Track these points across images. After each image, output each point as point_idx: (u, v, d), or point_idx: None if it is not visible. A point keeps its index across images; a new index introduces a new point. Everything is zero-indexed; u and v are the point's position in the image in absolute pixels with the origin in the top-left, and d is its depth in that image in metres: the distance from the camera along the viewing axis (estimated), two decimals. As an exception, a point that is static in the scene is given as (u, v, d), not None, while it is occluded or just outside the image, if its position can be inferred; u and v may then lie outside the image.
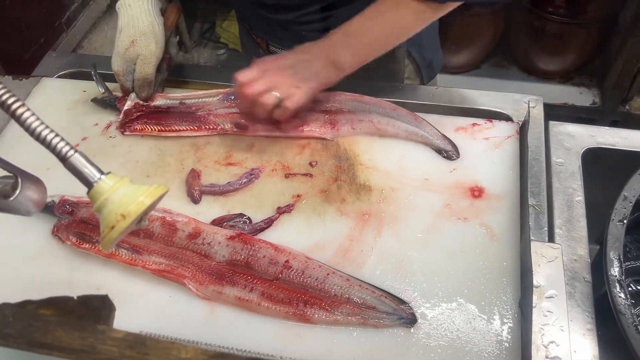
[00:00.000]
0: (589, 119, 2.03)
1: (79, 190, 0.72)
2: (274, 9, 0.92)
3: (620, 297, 0.64)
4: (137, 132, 0.93)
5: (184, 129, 0.92)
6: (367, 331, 0.69)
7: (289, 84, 0.82)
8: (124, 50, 0.89)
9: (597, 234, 0.77)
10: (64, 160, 0.46)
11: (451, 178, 0.84)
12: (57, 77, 1.07)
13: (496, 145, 0.88)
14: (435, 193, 0.83)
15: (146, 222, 0.51)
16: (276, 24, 0.97)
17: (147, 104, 0.94)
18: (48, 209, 0.79)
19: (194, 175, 0.86)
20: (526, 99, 0.94)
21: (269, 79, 0.82)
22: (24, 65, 1.31)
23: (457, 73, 2.16)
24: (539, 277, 0.66)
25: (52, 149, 0.46)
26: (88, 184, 0.47)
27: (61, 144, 0.46)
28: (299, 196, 0.83)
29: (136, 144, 0.92)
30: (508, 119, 0.93)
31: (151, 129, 0.92)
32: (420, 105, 0.96)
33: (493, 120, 0.91)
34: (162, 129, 0.92)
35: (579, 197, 0.79)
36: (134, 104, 0.94)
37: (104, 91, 0.96)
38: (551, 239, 0.75)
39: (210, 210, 0.82)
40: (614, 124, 2.01)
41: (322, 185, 0.85)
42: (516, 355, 0.66)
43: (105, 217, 0.47)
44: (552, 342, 0.61)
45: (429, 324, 0.69)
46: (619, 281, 0.65)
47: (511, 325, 0.68)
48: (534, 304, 0.63)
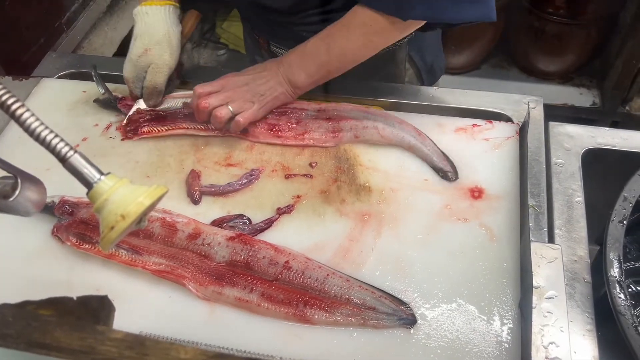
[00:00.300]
0: (589, 120, 2.03)
1: (78, 191, 0.72)
2: (275, 10, 0.92)
3: (620, 297, 0.64)
4: (144, 134, 0.92)
5: (191, 127, 0.92)
6: (367, 332, 0.69)
7: (243, 99, 0.86)
8: (136, 58, 0.89)
9: (597, 234, 0.77)
10: (63, 160, 0.46)
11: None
12: (57, 78, 1.07)
13: (496, 146, 0.88)
14: (435, 194, 0.83)
15: (146, 223, 0.51)
16: (277, 25, 0.97)
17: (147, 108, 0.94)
18: (48, 209, 0.79)
19: (193, 175, 0.86)
20: (526, 99, 0.94)
21: (225, 93, 0.86)
22: (23, 65, 1.31)
23: (457, 74, 2.16)
24: (539, 277, 0.66)
25: (52, 150, 0.46)
26: (88, 184, 0.47)
27: (61, 145, 0.46)
28: (298, 197, 0.83)
29: (136, 144, 0.92)
30: (508, 119, 0.93)
31: (158, 130, 0.92)
32: (420, 106, 0.96)
33: (493, 121, 0.91)
34: (170, 128, 0.92)
35: (579, 198, 0.79)
36: (137, 110, 0.94)
37: (104, 92, 0.96)
38: (551, 239, 0.75)
39: (210, 211, 0.82)
40: (614, 124, 2.01)
41: (322, 186, 0.85)
42: (516, 356, 0.66)
43: (105, 218, 0.47)
44: (552, 343, 0.61)
45: (428, 325, 0.69)
46: (618, 282, 0.65)
47: (511, 326, 0.68)
48: (533, 305, 0.63)
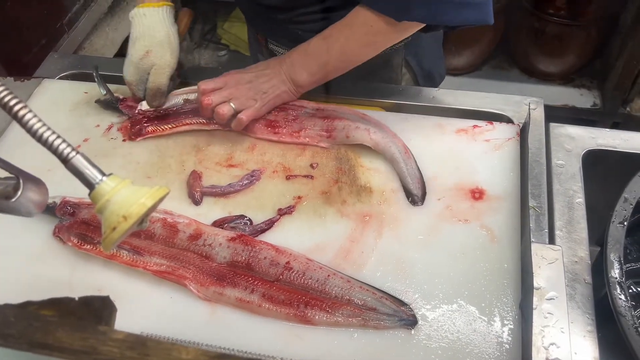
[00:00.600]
0: (590, 121, 2.03)
1: (80, 192, 0.72)
2: (272, 7, 0.93)
3: (621, 299, 0.64)
4: (149, 134, 0.93)
5: (194, 122, 0.92)
6: (368, 333, 0.69)
7: (246, 96, 0.87)
8: (138, 60, 0.89)
9: (598, 235, 0.77)
10: (65, 161, 0.46)
11: (452, 180, 0.84)
12: (58, 79, 1.07)
13: (497, 147, 0.88)
14: (435, 194, 0.83)
15: (147, 224, 0.51)
16: (273, 22, 0.98)
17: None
18: (49, 210, 0.79)
19: (195, 176, 0.86)
20: (527, 100, 0.94)
21: (228, 90, 0.87)
22: (24, 66, 1.31)
23: (457, 75, 2.16)
24: (540, 278, 0.66)
25: (54, 151, 0.46)
26: (90, 185, 0.47)
27: (63, 146, 0.46)
28: (299, 198, 0.83)
29: (137, 145, 0.93)
30: (509, 120, 0.93)
31: (162, 129, 0.92)
32: (421, 107, 0.96)
33: (494, 122, 0.91)
34: (174, 125, 0.92)
35: (580, 199, 0.79)
36: (139, 111, 0.94)
37: (105, 93, 0.96)
38: (552, 240, 0.75)
39: (211, 211, 0.83)
40: (615, 125, 2.01)
41: (323, 187, 0.85)
42: (517, 357, 0.66)
43: (107, 219, 0.47)
44: (552, 344, 0.61)
45: (429, 326, 0.69)
46: (619, 283, 0.65)
47: (512, 326, 0.68)
48: (534, 306, 0.64)
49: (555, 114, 1.47)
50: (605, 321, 0.66)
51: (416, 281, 0.73)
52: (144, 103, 0.94)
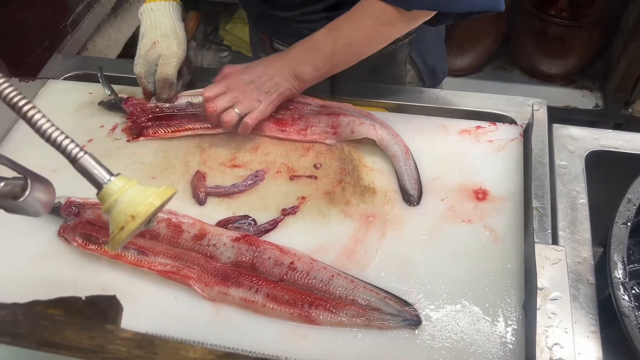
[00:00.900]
0: (592, 122, 2.03)
1: (85, 192, 0.73)
2: (278, 6, 0.93)
3: (624, 299, 0.64)
4: (149, 136, 0.93)
5: (197, 127, 0.92)
6: (372, 333, 0.69)
7: (250, 98, 0.86)
8: (145, 52, 0.90)
9: (601, 236, 0.78)
10: (73, 161, 0.47)
11: (455, 180, 0.85)
12: (62, 79, 1.08)
13: (500, 148, 0.88)
14: (439, 195, 0.83)
15: (154, 223, 0.51)
16: (279, 21, 0.98)
17: (151, 106, 0.95)
18: (54, 210, 0.80)
19: (199, 177, 0.87)
20: (530, 101, 0.94)
21: (231, 94, 0.86)
22: (28, 67, 1.32)
23: (459, 75, 2.16)
24: (543, 279, 0.66)
25: (62, 151, 0.46)
26: (97, 185, 0.47)
27: (71, 146, 0.46)
28: (303, 198, 0.84)
29: (141, 145, 0.93)
30: (512, 121, 0.93)
31: (164, 132, 0.92)
32: (424, 108, 0.97)
33: (497, 123, 0.92)
34: (176, 129, 0.92)
35: (583, 200, 0.79)
36: (137, 108, 0.94)
37: (109, 93, 0.96)
38: (555, 241, 0.75)
39: (215, 211, 0.83)
40: (617, 126, 2.01)
41: (327, 187, 0.85)
42: (520, 357, 0.66)
43: (115, 218, 0.47)
44: (556, 344, 0.62)
45: (433, 326, 0.69)
46: (622, 283, 0.65)
47: (515, 327, 0.68)
48: (538, 306, 0.64)
49: (557, 115, 1.47)
50: (609, 322, 0.66)
51: (420, 281, 0.73)
52: (154, 99, 0.94)
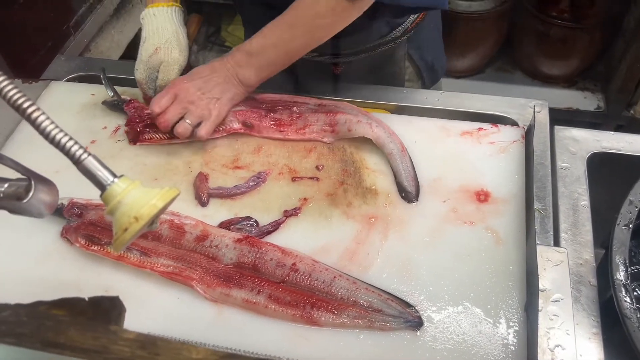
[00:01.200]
0: (593, 124, 2.03)
1: (87, 193, 0.73)
2: (279, 9, 0.93)
3: (626, 301, 0.64)
4: (145, 142, 0.92)
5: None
6: (374, 334, 0.69)
7: (200, 107, 0.86)
8: (147, 58, 0.90)
9: (602, 238, 0.78)
10: (77, 163, 0.47)
11: (457, 182, 0.85)
12: (65, 81, 1.08)
13: (502, 150, 0.88)
14: (441, 196, 0.83)
15: (157, 225, 0.51)
16: None
17: (148, 112, 0.94)
18: (57, 211, 0.80)
19: (201, 178, 0.87)
20: (532, 103, 0.94)
21: (180, 105, 0.85)
22: (31, 69, 1.32)
23: (461, 77, 2.16)
24: (545, 280, 0.66)
25: (66, 152, 0.46)
26: (101, 186, 0.48)
27: (75, 147, 0.46)
28: (305, 199, 0.84)
29: (144, 147, 0.93)
30: (514, 123, 0.93)
31: (160, 137, 0.92)
32: (426, 110, 0.97)
33: (499, 125, 0.92)
34: (171, 136, 0.91)
35: (585, 202, 0.79)
36: (136, 113, 0.94)
37: (112, 94, 0.96)
38: (557, 243, 0.75)
39: (217, 213, 0.83)
40: (619, 128, 2.01)
41: (329, 189, 0.85)
42: (522, 359, 0.66)
43: (118, 220, 0.47)
44: (558, 346, 0.62)
45: (435, 327, 0.69)
46: (624, 285, 0.65)
47: (517, 328, 0.68)
48: (539, 308, 0.64)
49: (559, 117, 1.46)
50: (611, 323, 0.66)
51: (422, 283, 0.74)
52: None
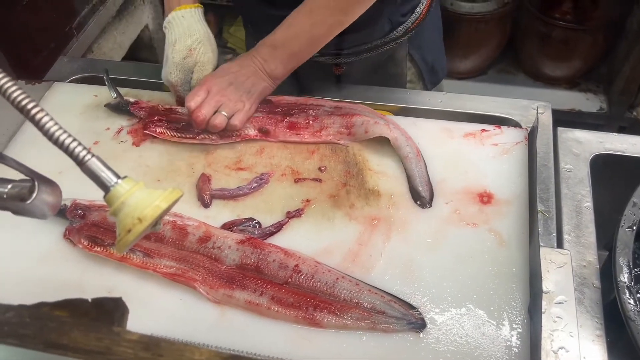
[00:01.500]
0: (596, 125, 2.03)
1: (90, 194, 0.73)
2: (279, 6, 0.93)
3: (630, 303, 0.64)
4: (155, 134, 0.92)
5: (206, 137, 0.91)
6: (377, 336, 0.69)
7: (234, 100, 0.88)
8: (181, 60, 0.90)
9: (606, 240, 0.77)
10: (81, 164, 0.47)
11: (460, 183, 0.85)
12: (68, 82, 1.08)
13: (505, 151, 0.88)
14: (444, 198, 0.83)
15: (161, 226, 0.51)
16: (278, 23, 0.98)
17: (170, 107, 0.95)
18: (60, 212, 0.80)
19: (204, 179, 0.87)
20: (534, 105, 0.94)
21: (214, 99, 0.87)
22: (34, 70, 1.32)
23: (463, 78, 2.16)
24: (548, 282, 0.66)
25: (70, 153, 0.47)
26: (105, 187, 0.48)
27: (79, 148, 0.47)
28: (308, 201, 0.84)
29: (147, 148, 0.93)
30: (516, 125, 0.93)
31: (170, 135, 0.92)
32: (429, 111, 0.97)
33: (502, 126, 0.92)
34: (182, 136, 0.91)
35: (588, 203, 0.79)
36: (146, 110, 0.94)
37: (115, 96, 0.97)
38: (560, 244, 0.75)
39: (220, 214, 0.83)
40: (621, 130, 2.01)
41: (331, 190, 0.85)
42: (525, 361, 0.66)
43: (122, 221, 0.47)
44: (561, 348, 0.61)
45: (438, 329, 0.69)
46: (628, 287, 0.65)
47: (520, 330, 0.68)
48: (543, 310, 0.64)
49: (561, 118, 1.46)
50: (614, 325, 0.66)
51: (425, 284, 0.73)
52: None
